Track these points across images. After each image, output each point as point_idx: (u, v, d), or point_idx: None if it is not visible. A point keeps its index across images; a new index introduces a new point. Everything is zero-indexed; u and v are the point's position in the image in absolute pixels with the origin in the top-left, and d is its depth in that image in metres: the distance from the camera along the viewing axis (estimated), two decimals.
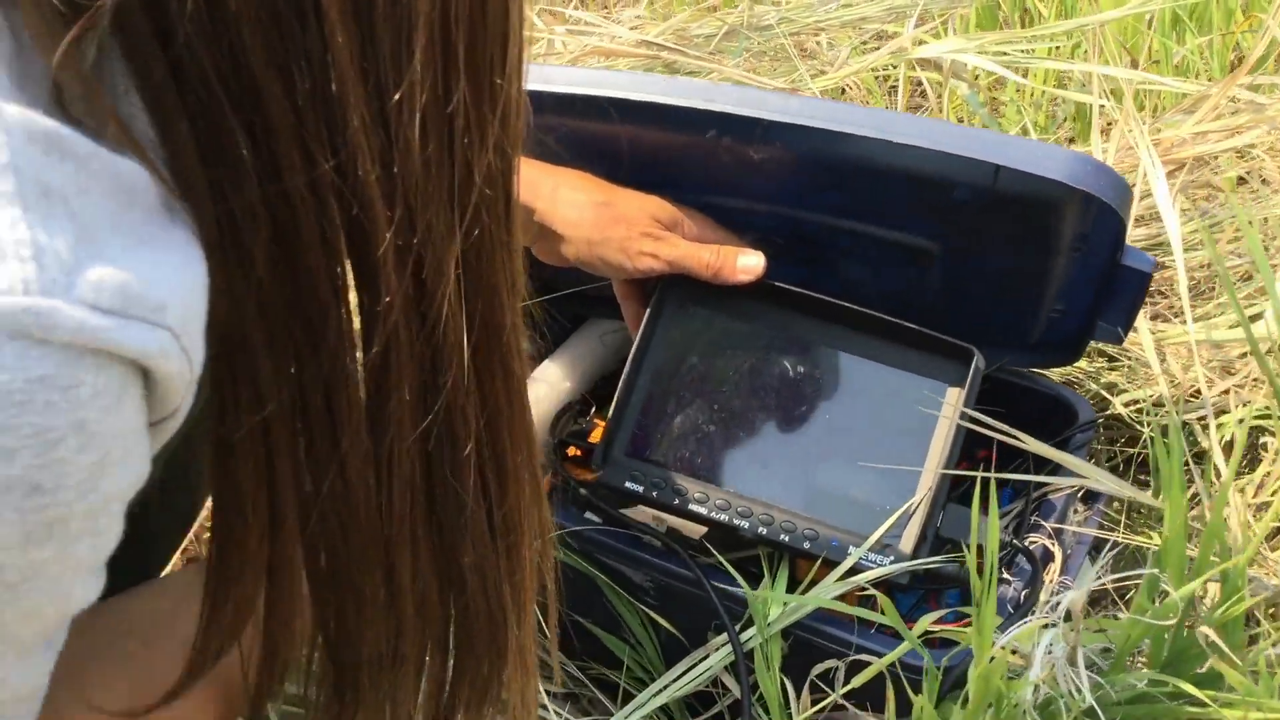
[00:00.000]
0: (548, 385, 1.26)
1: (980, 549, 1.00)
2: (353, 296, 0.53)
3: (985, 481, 1.10)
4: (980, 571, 1.01)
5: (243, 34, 0.45)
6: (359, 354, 0.54)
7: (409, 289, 0.53)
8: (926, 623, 0.92)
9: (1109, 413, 1.20)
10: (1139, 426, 1.16)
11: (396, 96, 0.49)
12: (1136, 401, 1.19)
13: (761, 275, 1.03)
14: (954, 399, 1.01)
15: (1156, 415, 1.16)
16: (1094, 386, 1.22)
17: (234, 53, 0.46)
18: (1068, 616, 0.84)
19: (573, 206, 1.02)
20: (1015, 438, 0.93)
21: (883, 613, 0.92)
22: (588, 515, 1.12)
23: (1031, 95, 1.52)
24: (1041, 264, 1.04)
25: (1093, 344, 1.17)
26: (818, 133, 0.96)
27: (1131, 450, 1.23)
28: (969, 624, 0.98)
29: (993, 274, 1.08)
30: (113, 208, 0.45)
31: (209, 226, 0.48)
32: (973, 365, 0.99)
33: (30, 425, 0.42)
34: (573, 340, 1.31)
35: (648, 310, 1.05)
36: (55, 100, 0.46)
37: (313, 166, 0.48)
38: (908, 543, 0.99)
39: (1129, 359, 1.22)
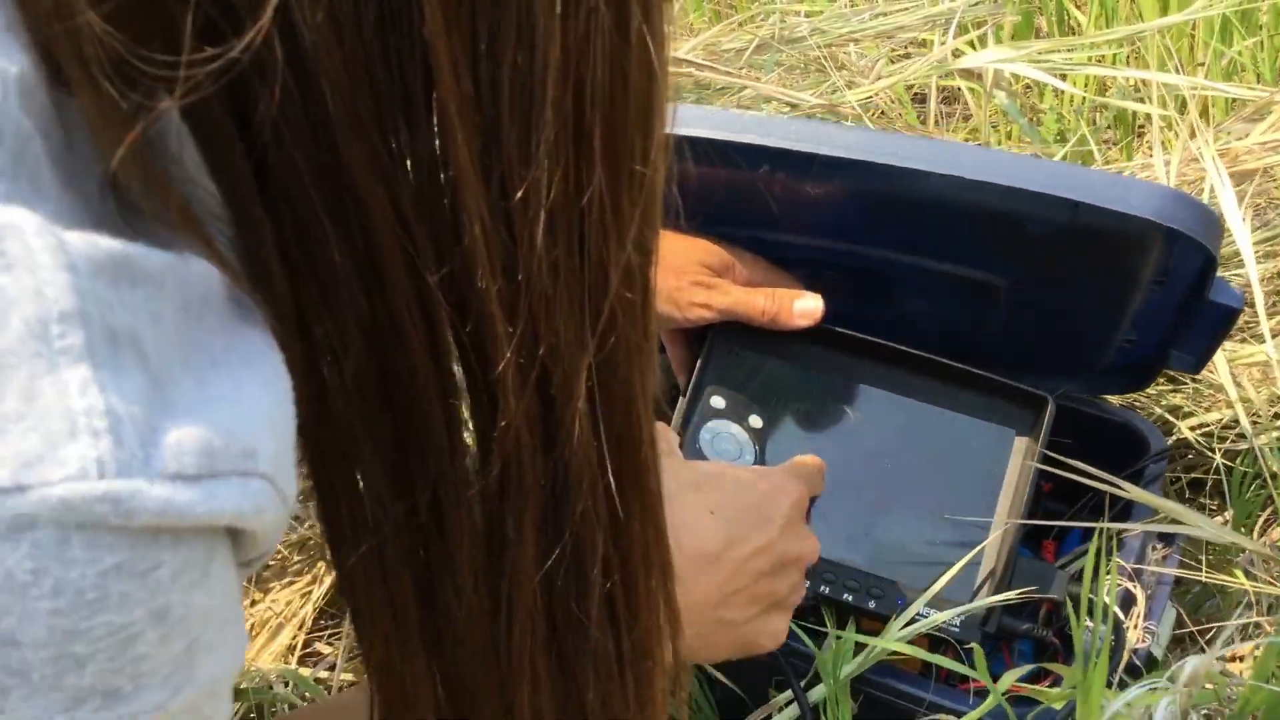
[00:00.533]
0: None
1: (1059, 605, 0.95)
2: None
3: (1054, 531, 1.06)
4: (1052, 619, 0.96)
5: (340, 136, 0.39)
6: (475, 477, 0.48)
7: (532, 407, 0.46)
8: (1011, 679, 0.87)
9: (1174, 438, 1.15)
10: (1209, 453, 1.11)
11: (520, 194, 0.42)
12: (1204, 425, 1.13)
13: (819, 319, 0.98)
14: (1024, 448, 0.95)
15: (1228, 440, 1.10)
16: (1157, 410, 1.16)
17: (330, 154, 0.39)
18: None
19: None
20: (1100, 479, 0.87)
21: (968, 665, 0.87)
22: None
23: (1072, 104, 1.46)
24: (1117, 298, 0.98)
25: None
26: (880, 169, 0.90)
27: (1189, 476, 1.18)
28: (1050, 682, 0.92)
29: (1062, 307, 1.02)
30: (184, 329, 0.39)
31: (290, 326, 0.42)
32: (1046, 413, 0.94)
33: (105, 625, 0.36)
34: None
35: (699, 359, 1.00)
36: (107, 183, 0.40)
37: (420, 279, 0.42)
38: (979, 599, 0.93)
39: (1194, 381, 1.17)
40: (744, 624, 0.81)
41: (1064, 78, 1.24)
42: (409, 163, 0.41)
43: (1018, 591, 0.92)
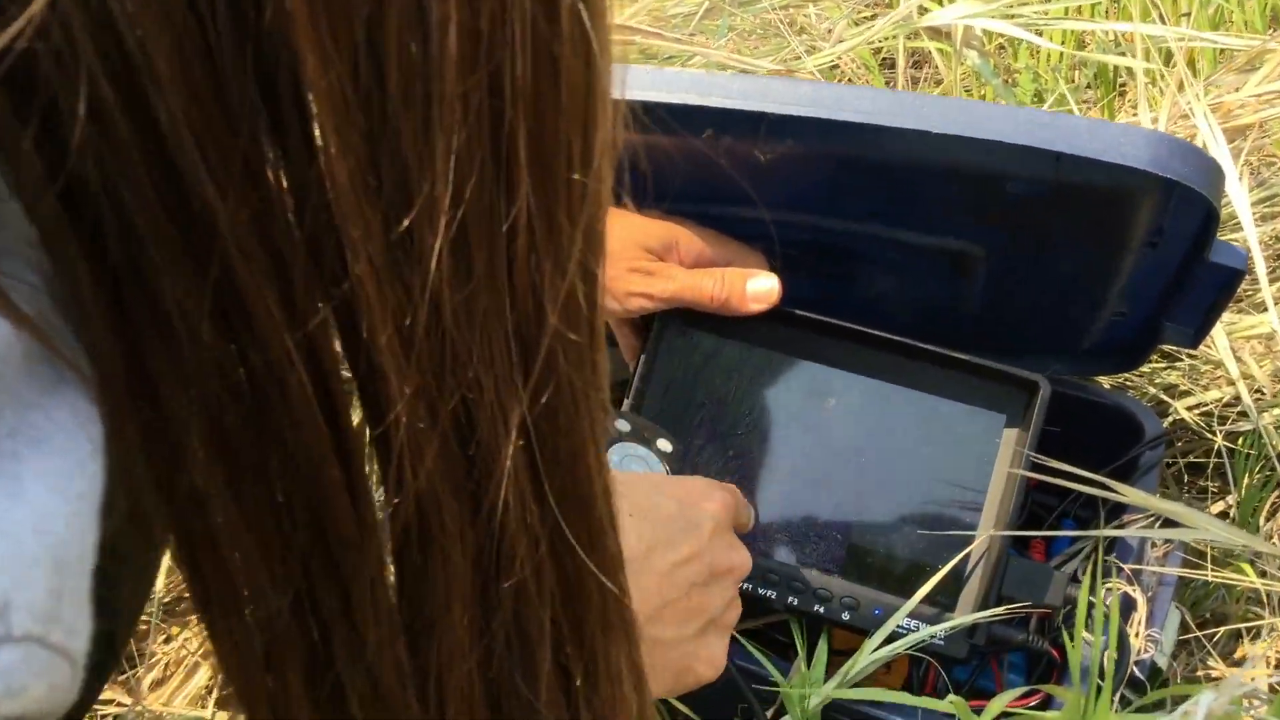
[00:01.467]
0: None
1: (1053, 611, 0.85)
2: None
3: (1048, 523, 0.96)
4: (1046, 627, 0.86)
5: (177, 148, 0.29)
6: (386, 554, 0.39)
7: (449, 471, 0.37)
8: (1001, 704, 0.77)
9: (1170, 419, 1.05)
10: (1209, 435, 1.01)
11: (414, 214, 0.32)
12: (1202, 405, 1.04)
13: (776, 301, 0.87)
14: (1014, 438, 0.85)
15: (1229, 421, 1.01)
16: (1151, 390, 1.07)
17: (162, 173, 0.29)
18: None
19: None
20: (1092, 481, 0.77)
21: (942, 694, 0.77)
22: None
23: (1049, 61, 1.36)
24: (1107, 263, 0.88)
25: None
26: (838, 127, 0.79)
27: (1187, 460, 1.09)
28: (1040, 701, 0.83)
29: (1046, 277, 0.92)
30: None
31: (123, 390, 0.32)
32: (1038, 399, 0.83)
33: None
34: None
35: (645, 344, 0.90)
36: None
37: (299, 323, 0.33)
38: (965, 607, 0.84)
39: (1190, 357, 1.07)
40: (678, 644, 0.71)
41: (1039, 33, 1.14)
42: (273, 180, 0.31)
43: (1006, 608, 0.82)
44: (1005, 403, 0.86)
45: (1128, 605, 0.87)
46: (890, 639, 0.82)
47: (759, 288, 0.87)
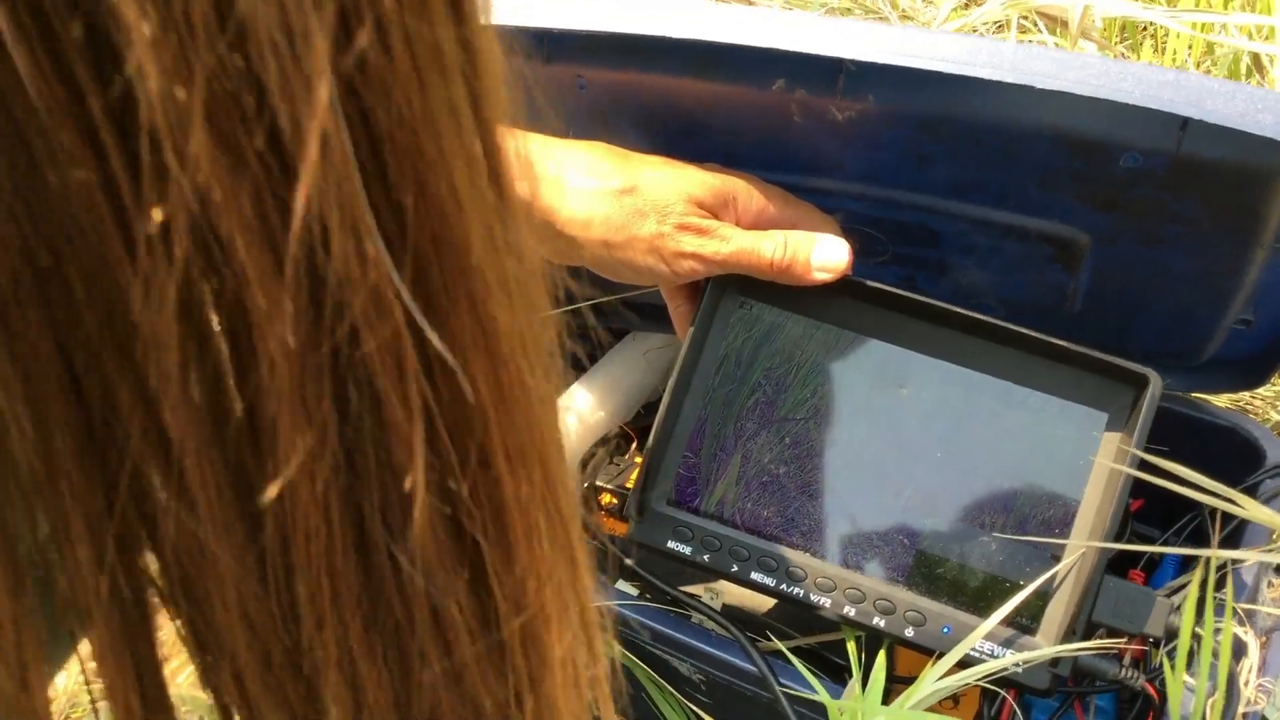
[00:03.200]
0: (576, 416, 1.01)
1: (1152, 646, 0.74)
2: None
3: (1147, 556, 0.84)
4: (1143, 664, 0.75)
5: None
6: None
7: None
8: None
9: None
10: None
11: None
12: None
13: (846, 271, 0.77)
14: (1116, 440, 0.74)
15: None
16: (1274, 416, 0.94)
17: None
18: None
19: (581, 198, 0.74)
20: (1211, 490, 0.65)
21: None
22: (621, 585, 0.87)
23: (1174, 55, 1.25)
24: (1232, 260, 0.76)
25: None
26: (926, 78, 0.68)
27: None
28: None
29: (1158, 274, 0.80)
30: None
31: None
32: (1147, 396, 0.72)
33: None
34: (610, 358, 1.06)
35: (697, 313, 0.80)
36: None
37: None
38: (1049, 631, 0.72)
39: None
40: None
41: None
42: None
43: (1100, 641, 0.71)
44: (1107, 399, 0.75)
45: (1238, 650, 0.75)
46: (961, 664, 0.72)
47: (828, 255, 0.76)
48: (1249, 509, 0.61)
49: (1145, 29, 1.14)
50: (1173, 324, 0.85)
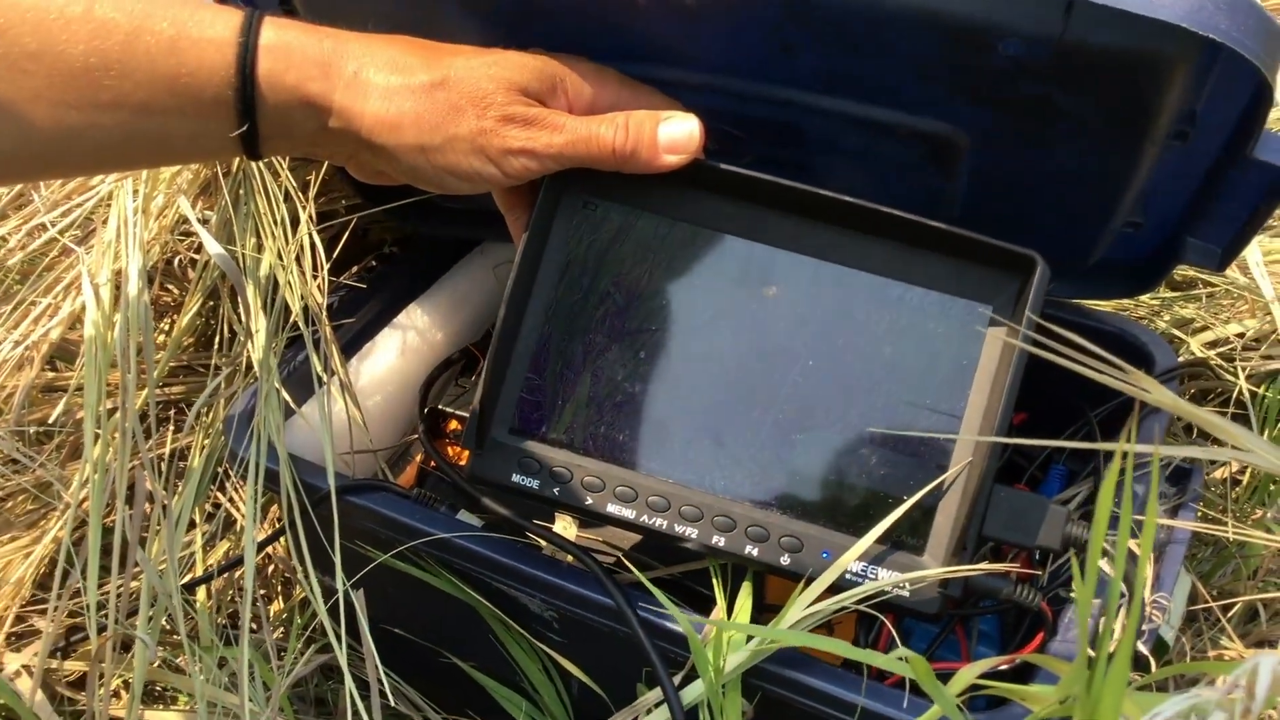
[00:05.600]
0: (416, 334, 0.92)
1: (1047, 555, 0.68)
2: None
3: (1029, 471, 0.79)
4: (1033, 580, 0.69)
5: None
6: None
7: None
8: (970, 676, 0.59)
9: (1181, 356, 0.88)
10: (1228, 376, 0.84)
11: None
12: (1221, 341, 0.87)
13: (697, 150, 0.68)
14: (1001, 336, 0.67)
15: (1251, 361, 0.84)
16: (1160, 324, 0.90)
17: None
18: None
19: (387, 97, 0.64)
20: (1116, 370, 0.59)
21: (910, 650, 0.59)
22: (463, 516, 0.79)
23: None
24: (1121, 158, 0.69)
25: None
26: None
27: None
28: (1008, 661, 0.65)
29: (1043, 175, 0.73)
30: None
31: None
32: (1033, 282, 0.65)
33: None
34: (453, 274, 0.97)
35: (531, 217, 0.71)
36: None
37: None
38: (937, 549, 0.66)
39: (1207, 284, 0.90)
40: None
41: None
42: None
43: (997, 565, 0.64)
44: (991, 291, 0.68)
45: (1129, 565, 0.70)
46: (838, 589, 0.65)
47: (675, 132, 0.67)
48: (1155, 393, 0.54)
49: None
50: (1057, 228, 0.78)
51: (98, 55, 0.61)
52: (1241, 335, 0.86)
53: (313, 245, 0.81)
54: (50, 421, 0.88)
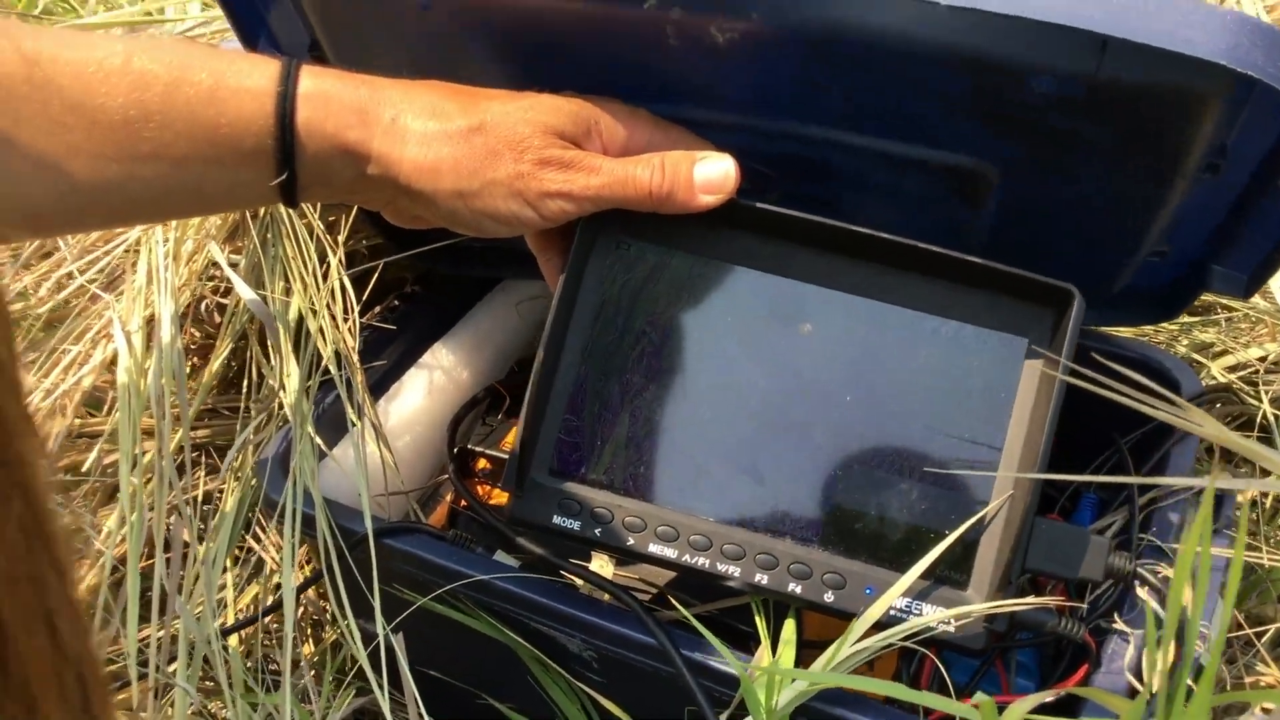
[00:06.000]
0: (443, 373, 0.92)
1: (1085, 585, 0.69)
2: None
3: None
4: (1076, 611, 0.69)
5: None
6: None
7: None
8: (1023, 710, 0.60)
9: (1204, 382, 0.89)
10: (1252, 400, 0.85)
11: None
12: (1243, 365, 0.88)
13: (733, 190, 0.69)
14: (1039, 369, 0.68)
15: (1275, 384, 0.85)
16: (1180, 348, 0.90)
17: None
18: None
19: (425, 143, 0.65)
20: (1162, 400, 0.59)
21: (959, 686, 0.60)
22: (500, 556, 0.79)
23: None
24: (1151, 191, 0.70)
25: None
26: None
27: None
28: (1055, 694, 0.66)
29: (1071, 207, 0.74)
30: None
31: None
32: (1071, 314, 0.66)
33: None
34: (476, 312, 0.98)
35: (569, 258, 0.71)
36: None
37: None
38: (981, 584, 0.66)
39: (1226, 308, 0.91)
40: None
41: None
42: None
43: (1041, 599, 0.65)
44: (1026, 323, 0.69)
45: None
46: (883, 625, 0.65)
47: (711, 172, 0.68)
48: (1207, 426, 0.55)
49: None
50: (1082, 257, 0.79)
51: (137, 107, 0.61)
52: (1263, 359, 0.87)
53: (343, 289, 0.81)
54: (84, 470, 0.88)
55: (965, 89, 0.67)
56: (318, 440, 0.81)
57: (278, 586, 0.97)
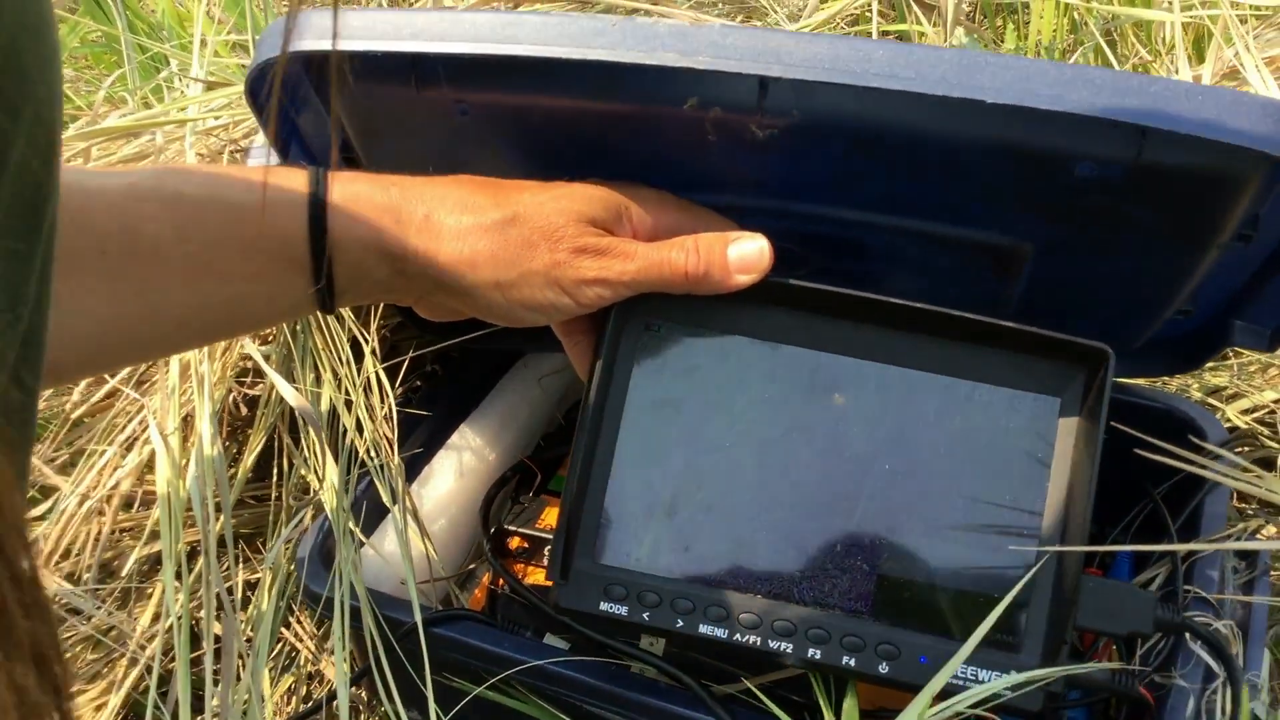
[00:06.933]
0: (472, 454, 0.93)
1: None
2: None
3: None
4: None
5: None
6: None
7: None
8: None
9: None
10: (1271, 442, 0.87)
11: None
12: (1258, 408, 0.90)
13: (768, 268, 0.70)
14: (1074, 428, 0.70)
15: None
16: (1194, 394, 0.92)
17: None
18: None
19: (460, 237, 0.66)
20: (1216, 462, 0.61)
21: None
22: (550, 640, 0.79)
23: (1037, 34, 1.22)
24: (1185, 261, 0.72)
25: None
26: (859, 94, 0.62)
27: None
28: None
29: (1102, 277, 0.76)
30: None
31: None
32: (1104, 373, 0.68)
33: None
34: (501, 390, 0.99)
35: (603, 344, 0.72)
36: None
37: None
38: (1034, 646, 0.67)
39: (1235, 354, 0.93)
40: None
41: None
42: None
43: (1103, 663, 0.66)
44: (1059, 383, 0.70)
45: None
46: (943, 694, 0.66)
47: (745, 253, 0.69)
48: (1271, 485, 0.56)
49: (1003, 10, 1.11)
50: (1109, 319, 0.80)
51: (172, 227, 0.62)
52: (1279, 401, 0.89)
53: (379, 381, 0.82)
54: (123, 573, 0.88)
55: (1006, 175, 0.69)
56: (358, 534, 0.81)
57: (310, 677, 0.97)
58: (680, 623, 0.70)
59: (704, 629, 0.70)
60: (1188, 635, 0.69)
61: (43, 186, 0.35)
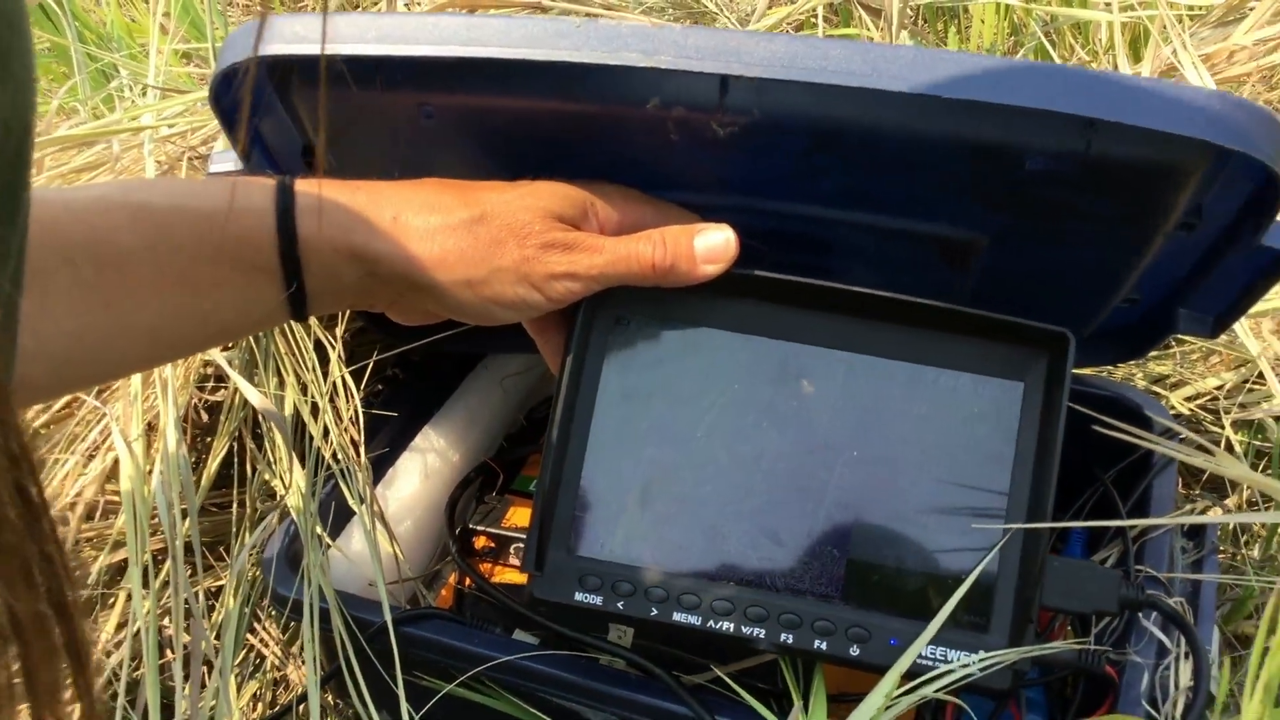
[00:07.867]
0: (436, 456, 0.93)
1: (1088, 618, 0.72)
2: None
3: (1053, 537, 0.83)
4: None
5: None
6: None
7: None
8: None
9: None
10: (1215, 428, 0.89)
11: None
12: (1200, 395, 0.92)
13: (734, 257, 0.72)
14: (1038, 409, 0.72)
15: (1231, 413, 0.89)
16: (1139, 381, 0.95)
17: None
18: None
19: (428, 237, 0.66)
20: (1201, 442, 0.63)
21: None
22: (519, 635, 0.80)
23: (996, 33, 1.25)
24: (1134, 250, 0.74)
25: None
26: (819, 91, 0.63)
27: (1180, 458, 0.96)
28: None
29: (1051, 266, 0.78)
30: None
31: None
32: (1068, 355, 0.70)
33: None
34: (463, 391, 0.99)
35: (571, 340, 0.73)
36: None
37: None
38: (1001, 625, 0.69)
39: (1177, 341, 0.96)
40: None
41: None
42: None
43: (1069, 642, 0.68)
44: (1021, 368, 0.72)
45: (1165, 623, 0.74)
46: (910, 674, 0.68)
47: (711, 243, 0.71)
48: (1222, 463, 0.59)
49: (946, 13, 1.13)
50: (1059, 308, 0.82)
51: (140, 238, 0.62)
52: (1220, 387, 0.92)
53: (345, 385, 0.82)
54: (87, 583, 0.88)
55: (960, 168, 0.71)
56: (325, 536, 0.81)
57: (275, 683, 0.97)
58: (654, 611, 0.71)
59: (678, 616, 0.71)
60: (1142, 613, 0.72)
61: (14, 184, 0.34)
